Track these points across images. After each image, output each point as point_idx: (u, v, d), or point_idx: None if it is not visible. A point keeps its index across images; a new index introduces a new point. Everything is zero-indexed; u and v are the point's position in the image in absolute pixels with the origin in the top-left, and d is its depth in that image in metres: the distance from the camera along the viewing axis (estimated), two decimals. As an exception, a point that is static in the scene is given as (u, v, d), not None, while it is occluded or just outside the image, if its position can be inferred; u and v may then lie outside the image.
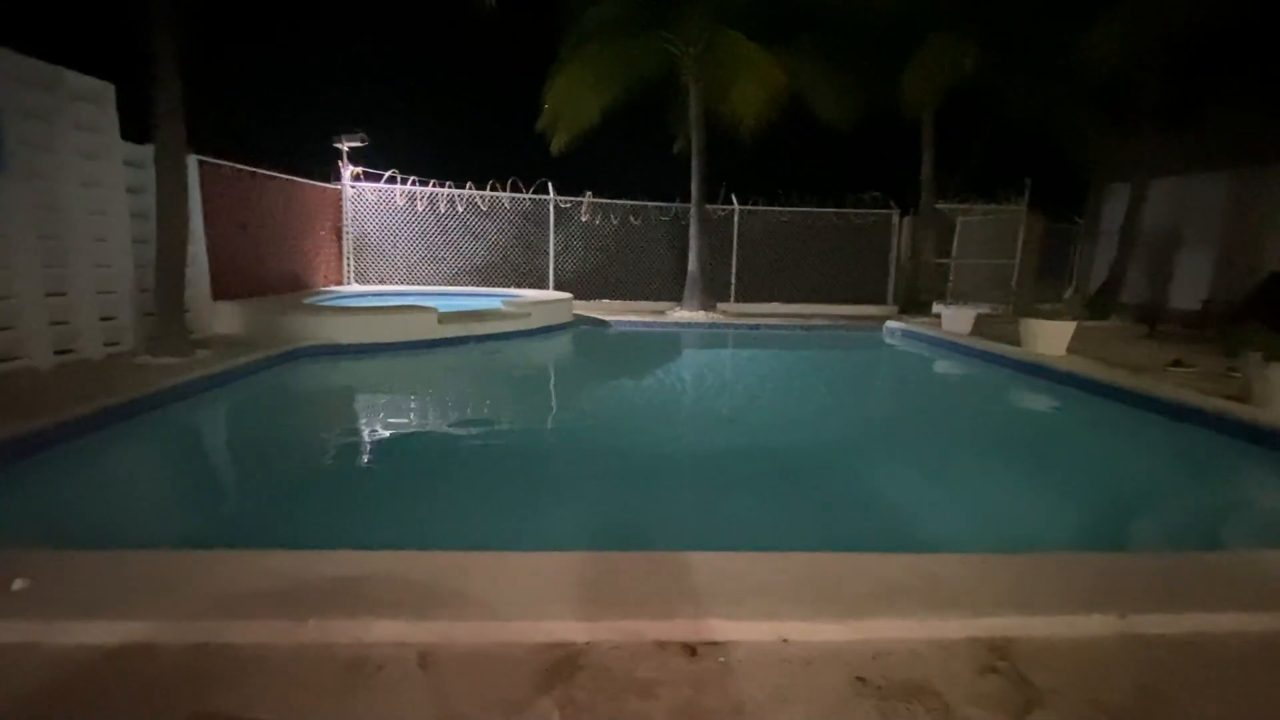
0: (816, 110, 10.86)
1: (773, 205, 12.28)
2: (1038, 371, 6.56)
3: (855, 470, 4.06)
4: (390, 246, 11.17)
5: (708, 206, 11.39)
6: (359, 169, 10.81)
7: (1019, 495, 3.77)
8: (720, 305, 11.50)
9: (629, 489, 3.52)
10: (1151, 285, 12.20)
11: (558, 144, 10.65)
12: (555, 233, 11.72)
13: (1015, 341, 7.39)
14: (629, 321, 10.20)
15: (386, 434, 4.54)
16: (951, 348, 8.43)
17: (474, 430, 4.68)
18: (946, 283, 12.48)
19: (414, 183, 11.14)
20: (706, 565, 2.08)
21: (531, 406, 5.64)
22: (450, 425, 4.88)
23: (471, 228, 11.50)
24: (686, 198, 11.22)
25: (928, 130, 11.24)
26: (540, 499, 3.33)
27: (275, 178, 8.59)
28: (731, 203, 12.10)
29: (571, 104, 10.23)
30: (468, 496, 3.28)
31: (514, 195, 11.52)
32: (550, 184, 11.53)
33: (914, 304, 11.66)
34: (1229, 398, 4.81)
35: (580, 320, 10.00)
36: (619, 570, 2.05)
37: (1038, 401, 6.40)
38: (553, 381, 7.11)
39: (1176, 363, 6.37)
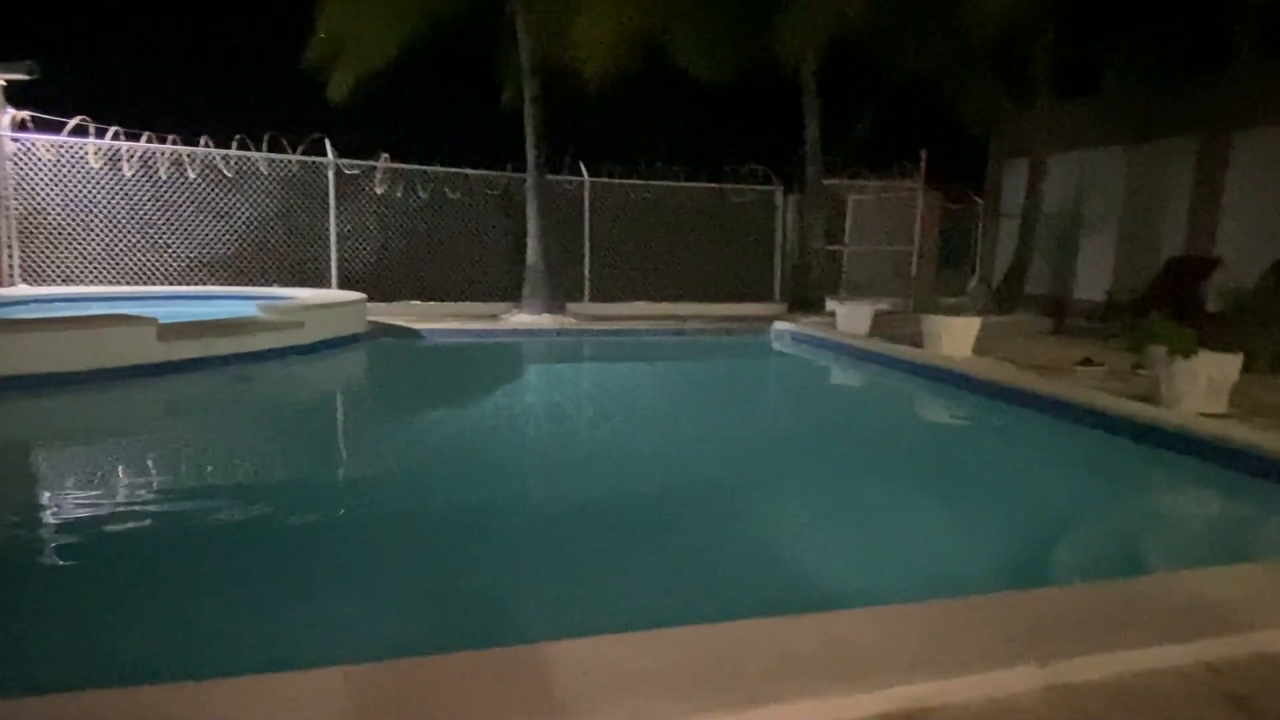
0: (681, 61, 11.29)
1: (632, 179, 12.55)
2: (943, 377, 7.24)
3: (743, 514, 4.18)
4: (81, 229, 9.90)
5: (550, 177, 11.39)
6: (24, 113, 9.55)
7: (930, 529, 4.08)
8: (571, 306, 11.52)
9: (445, 571, 3.33)
10: (1056, 274, 14.06)
11: (338, 87, 10.13)
12: (338, 210, 11.07)
13: (918, 342, 8.11)
14: (450, 330, 9.89)
15: (59, 519, 3.94)
16: (848, 352, 9.08)
17: (206, 505, 4.20)
18: (840, 274, 13.47)
19: (117, 136, 9.97)
20: (559, 659, 2.00)
21: (299, 462, 5.17)
22: (170, 499, 4.34)
23: (211, 202, 10.53)
24: (520, 166, 11.14)
25: (811, 91, 12.11)
26: (312, 594, 3.05)
27: None
28: (580, 173, 12.19)
29: (357, 33, 9.78)
30: (201, 608, 2.93)
31: (274, 156, 10.71)
32: (329, 143, 10.88)
33: (804, 300, 12.45)
34: (1138, 398, 5.60)
35: (379, 330, 9.50)
36: (439, 681, 1.91)
37: (945, 413, 7.06)
38: (334, 420, 6.63)
39: (1086, 361, 7.35)
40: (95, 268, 10.03)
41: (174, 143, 10.23)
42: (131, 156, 10.05)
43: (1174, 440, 4.94)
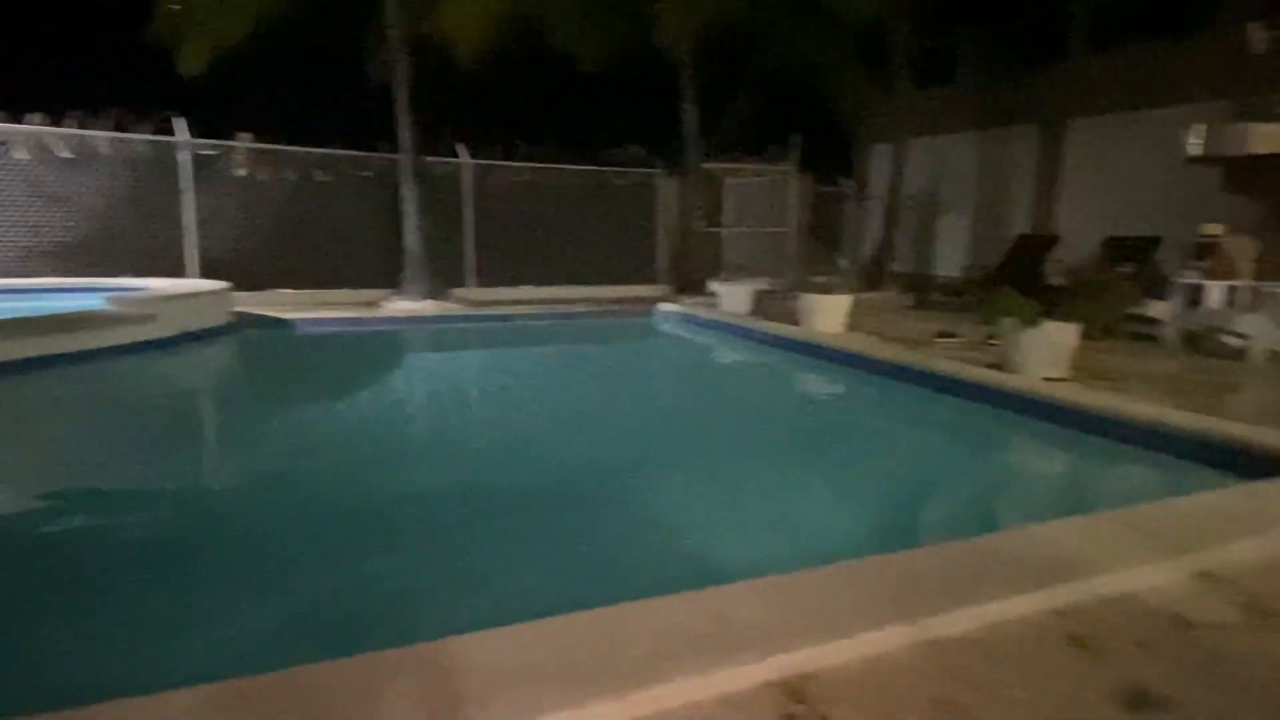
0: (559, 42, 11.12)
1: (512, 161, 12.29)
2: (818, 353, 7.53)
3: (628, 495, 4.18)
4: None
5: (427, 159, 10.98)
6: None
7: (808, 498, 4.22)
8: (456, 292, 11.20)
9: (310, 576, 3.16)
10: (918, 252, 14.92)
11: (191, 61, 9.35)
12: (196, 194, 10.25)
13: (795, 319, 8.38)
14: (324, 320, 9.38)
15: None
16: (730, 331, 9.28)
17: (34, 520, 3.81)
18: (721, 255, 13.76)
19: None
20: (441, 658, 1.93)
21: (141, 467, 4.72)
22: None
23: (45, 184, 9.51)
24: (394, 147, 10.67)
25: (689, 76, 12.23)
26: (156, 615, 2.81)
27: None
28: (458, 155, 11.82)
29: (209, 1, 9.05)
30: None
31: (119, 136, 9.78)
32: (184, 121, 10.05)
33: (688, 281, 12.65)
34: (990, 366, 6.00)
35: (246, 321, 8.89)
36: (319, 689, 1.81)
37: (821, 387, 7.34)
38: (189, 419, 6.13)
39: (944, 333, 7.80)
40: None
41: (-2, 120, 9.15)
42: (-56, 134, 8.92)
43: (1021, 403, 5.32)
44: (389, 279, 10.88)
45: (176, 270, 10.09)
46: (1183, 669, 2.00)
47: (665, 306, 10.87)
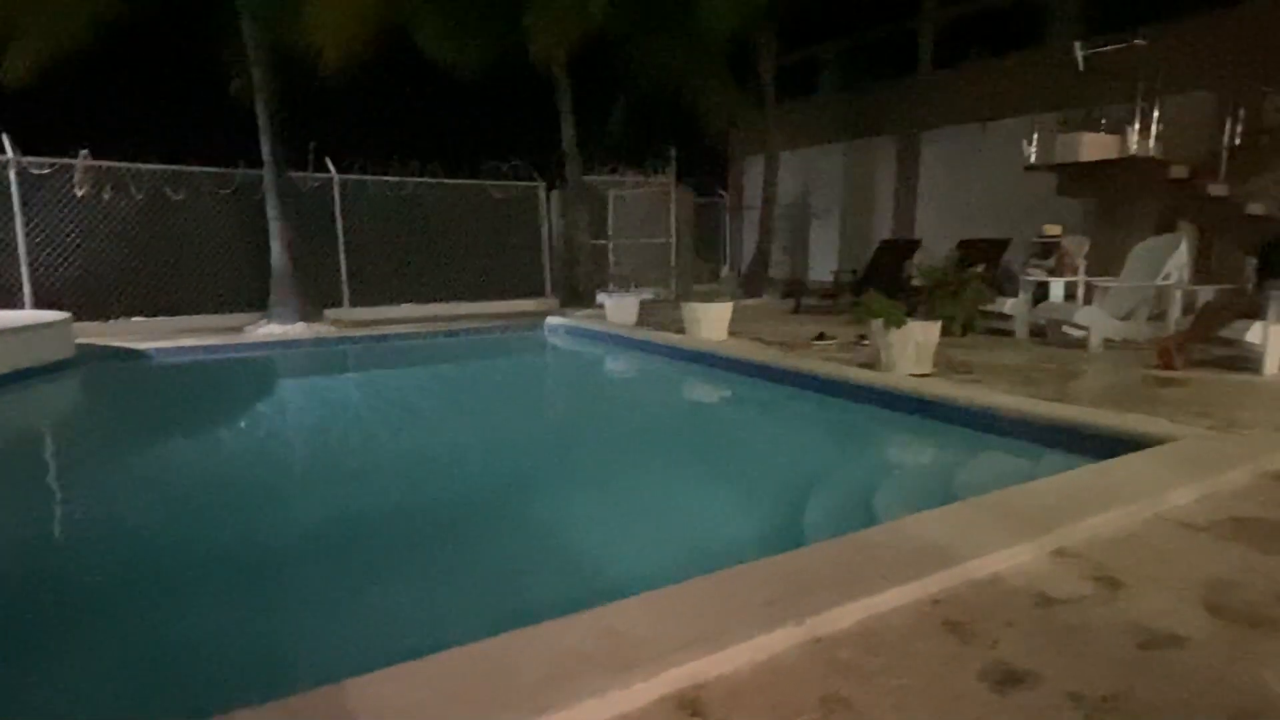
0: (430, 54, 10.88)
1: (387, 175, 11.88)
2: (703, 359, 7.67)
3: (519, 516, 4.09)
4: None
5: (293, 175, 10.46)
6: None
7: (698, 504, 4.26)
8: (330, 313, 10.69)
9: (184, 623, 2.90)
10: (794, 258, 15.51)
11: (15, 71, 8.53)
12: (25, 215, 9.32)
13: (680, 328, 8.51)
14: (182, 349, 8.71)
15: None
16: (618, 342, 9.32)
17: None
18: (607, 267, 13.84)
19: None
20: (324, 705, 1.81)
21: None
22: None
23: None
24: (257, 162, 10.09)
25: (565, 89, 12.24)
26: None
27: None
28: (328, 170, 11.32)
29: (34, 5, 8.27)
30: None
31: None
32: (4, 138, 9.13)
33: (575, 294, 12.63)
34: (863, 365, 6.28)
35: (91, 354, 8.13)
36: None
37: (707, 392, 7.47)
38: (25, 468, 5.51)
39: (820, 336, 8.12)
40: None
41: None
42: None
43: (893, 399, 5.60)
44: (256, 302, 10.26)
45: (10, 301, 9.14)
46: (1045, 644, 2.13)
47: (553, 320, 10.79)
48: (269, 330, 9.61)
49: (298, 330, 9.67)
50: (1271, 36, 9.62)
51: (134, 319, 9.79)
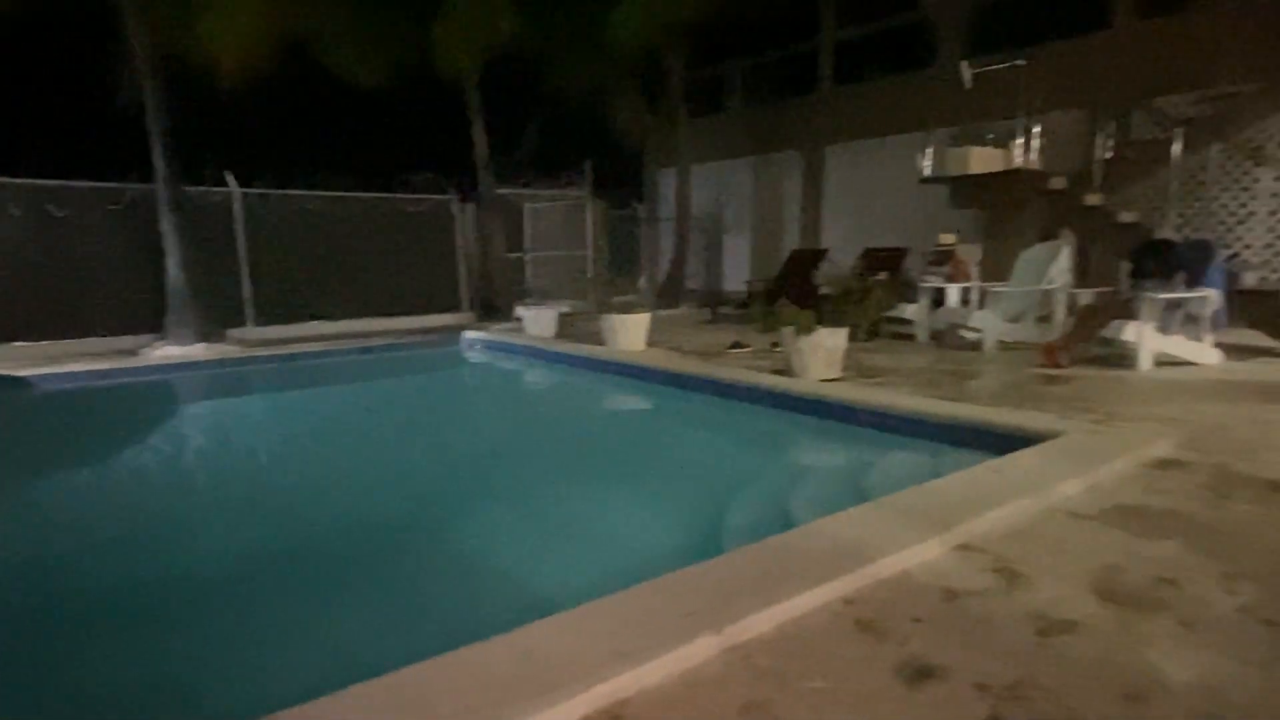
0: (335, 66, 10.56)
1: (290, 189, 11.42)
2: (622, 370, 7.67)
3: (434, 538, 3.97)
4: None
5: (190, 189, 9.92)
6: None
7: (618, 514, 4.24)
8: (234, 333, 10.17)
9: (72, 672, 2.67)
10: (709, 269, 15.75)
11: None
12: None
13: (599, 339, 8.49)
14: (71, 374, 8.09)
15: None
16: (537, 355, 9.22)
17: None
18: (525, 281, 13.71)
19: None
20: None
21: None
22: None
23: None
24: (150, 176, 9.53)
25: (475, 102, 12.10)
26: None
27: None
28: (228, 184, 10.79)
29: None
30: None
31: None
32: None
33: (493, 308, 12.44)
34: (776, 372, 6.41)
35: (-36, 382, 7.48)
36: None
37: (626, 402, 7.46)
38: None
39: (735, 344, 8.25)
40: None
41: None
42: None
43: (805, 405, 5.73)
44: (152, 323, 9.66)
45: None
46: (952, 637, 2.19)
47: (470, 334, 10.59)
48: (166, 352, 9.05)
49: (198, 351, 9.15)
50: (1133, 59, 10.40)
51: (15, 344, 9.06)
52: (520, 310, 10.45)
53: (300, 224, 11.49)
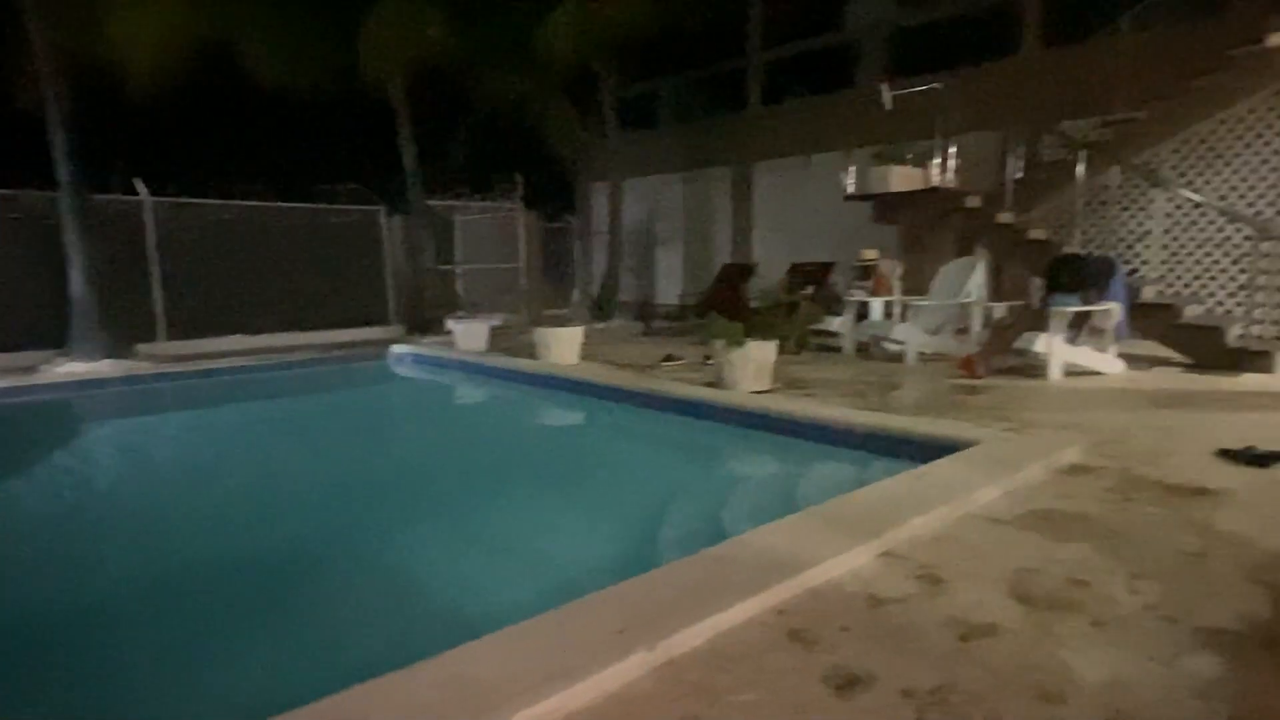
0: (256, 73, 10.22)
1: (207, 198, 10.94)
2: (555, 383, 7.60)
3: (364, 560, 3.83)
4: None
5: (97, 197, 9.41)
6: None
7: (548, 531, 4.17)
8: (143, 348, 9.66)
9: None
10: (642, 282, 15.82)
11: None
12: None
13: (532, 353, 8.39)
14: (-41, 393, 7.54)
15: None
16: (469, 369, 9.06)
17: None
18: (455, 294, 13.48)
19: None
20: None
21: None
22: None
23: None
24: (49, 184, 8.99)
25: (403, 112, 11.88)
26: None
27: None
28: (138, 192, 10.28)
29: None
30: None
31: None
32: None
33: (423, 321, 12.17)
34: (708, 384, 6.46)
35: None
36: None
37: (559, 416, 7.39)
38: None
39: (668, 357, 8.28)
40: None
41: None
42: None
43: (737, 416, 5.79)
44: (54, 338, 9.08)
45: None
46: (878, 644, 2.23)
47: (398, 348, 10.33)
48: (70, 369, 8.52)
49: (104, 368, 8.64)
50: (1040, 84, 10.97)
51: (-105, 362, 8.39)
52: (451, 323, 10.25)
53: (217, 234, 11.04)
